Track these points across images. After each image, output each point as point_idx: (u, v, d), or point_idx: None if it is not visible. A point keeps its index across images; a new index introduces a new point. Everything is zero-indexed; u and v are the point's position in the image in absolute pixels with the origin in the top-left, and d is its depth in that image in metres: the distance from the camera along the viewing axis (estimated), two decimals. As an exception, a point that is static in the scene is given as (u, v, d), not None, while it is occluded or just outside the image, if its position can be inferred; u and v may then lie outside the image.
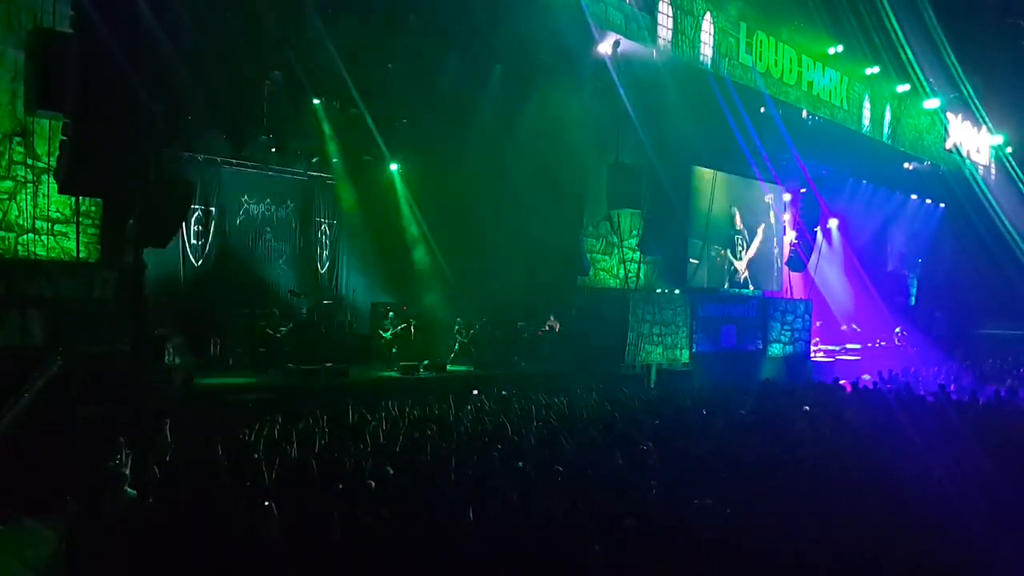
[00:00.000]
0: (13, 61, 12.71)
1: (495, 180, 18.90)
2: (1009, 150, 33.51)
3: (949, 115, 32.21)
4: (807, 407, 12.92)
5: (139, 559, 6.20)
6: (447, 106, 17.46)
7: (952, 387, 18.88)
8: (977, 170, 33.11)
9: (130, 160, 12.12)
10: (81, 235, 13.33)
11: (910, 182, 31.49)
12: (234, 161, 16.75)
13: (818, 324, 26.70)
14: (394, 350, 17.24)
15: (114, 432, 8.71)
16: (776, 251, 26.15)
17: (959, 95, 30.06)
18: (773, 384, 16.69)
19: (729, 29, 23.01)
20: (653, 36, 20.23)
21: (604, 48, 18.26)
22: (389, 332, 17.33)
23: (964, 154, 33.07)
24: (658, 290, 21.90)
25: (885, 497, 7.60)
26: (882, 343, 29.04)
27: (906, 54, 26.26)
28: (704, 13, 22.08)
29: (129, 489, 7.16)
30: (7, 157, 12.83)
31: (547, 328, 18.91)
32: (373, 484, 7.36)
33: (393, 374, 15.81)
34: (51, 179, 12.95)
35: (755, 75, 23.42)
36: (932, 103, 30.38)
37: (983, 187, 31.34)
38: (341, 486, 7.38)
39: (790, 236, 26.57)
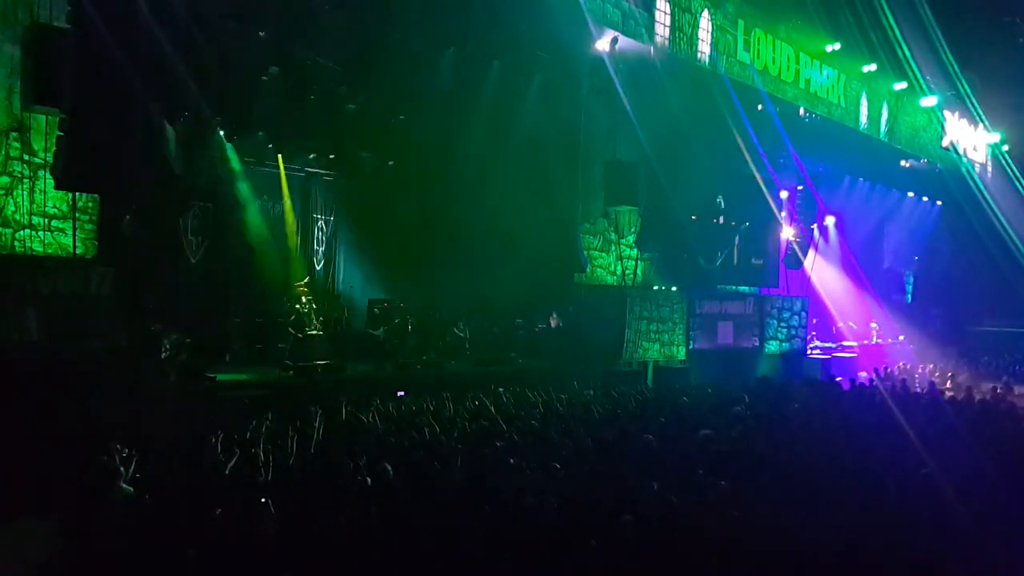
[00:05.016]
0: (10, 56, 12.67)
1: (493, 176, 18.89)
2: (1006, 148, 33.59)
3: (946, 113, 32.26)
4: (797, 404, 12.99)
5: (136, 556, 6.20)
6: (444, 102, 17.44)
7: (948, 384, 18.96)
8: (974, 168, 33.18)
9: (127, 156, 12.11)
10: (78, 231, 13.31)
11: (907, 180, 31.54)
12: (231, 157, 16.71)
13: (815, 321, 26.74)
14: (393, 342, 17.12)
15: (111, 429, 8.71)
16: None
17: (956, 93, 30.11)
18: (769, 381, 16.72)
19: (727, 26, 23.01)
20: (651, 33, 20.23)
21: (602, 45, 18.26)
22: (380, 330, 17.18)
23: (961, 152, 33.13)
24: (655, 287, 21.93)
25: (880, 494, 7.63)
26: (878, 340, 29.10)
27: (903, 52, 26.29)
28: (702, 10, 22.07)
29: (126, 486, 7.17)
30: (3, 153, 12.80)
31: (550, 324, 18.93)
32: (369, 481, 7.38)
33: (390, 371, 15.82)
34: (48, 175, 12.94)
35: (752, 72, 23.43)
36: (929, 101, 30.43)
37: (980, 185, 31.40)
38: (338, 483, 7.39)
39: (787, 233, 26.60)
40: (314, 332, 16.15)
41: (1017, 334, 30.72)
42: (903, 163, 31.28)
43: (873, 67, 27.63)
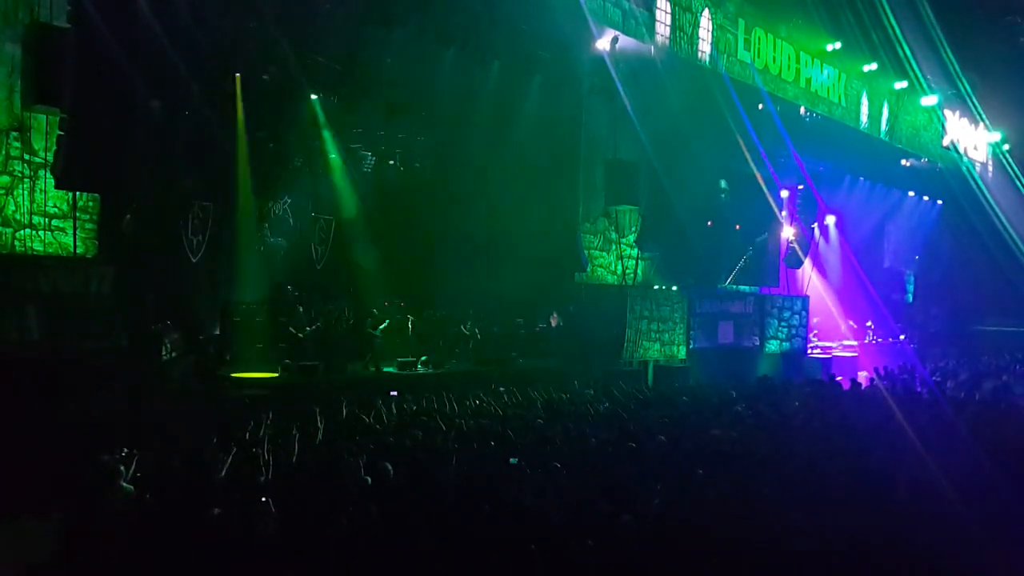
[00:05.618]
0: (10, 56, 12.66)
1: (494, 176, 18.88)
2: (1006, 147, 33.57)
3: (946, 112, 32.25)
4: (797, 404, 13.00)
5: (136, 556, 6.20)
6: (445, 102, 17.43)
7: (948, 383, 18.93)
8: (974, 167, 33.17)
9: (127, 156, 12.11)
10: (78, 230, 13.30)
11: (907, 179, 31.52)
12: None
13: (815, 320, 26.75)
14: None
15: (111, 428, 8.70)
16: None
17: (956, 92, 30.10)
18: (770, 381, 16.71)
19: (727, 26, 23.01)
20: (651, 32, 20.23)
21: (602, 44, 18.25)
22: (380, 330, 17.11)
23: (961, 151, 33.12)
24: (656, 287, 21.92)
25: (880, 493, 7.63)
26: (878, 339, 29.09)
27: (904, 51, 26.29)
28: (702, 10, 22.07)
29: (126, 485, 7.17)
30: (4, 152, 12.79)
31: (551, 323, 18.92)
32: (370, 481, 7.38)
33: (389, 370, 15.81)
34: (48, 174, 12.93)
35: (753, 72, 23.43)
36: (929, 100, 30.41)
37: (980, 184, 31.40)
38: (338, 483, 7.39)
39: (787, 232, 26.60)
40: (314, 332, 16.14)
41: (1018, 333, 30.70)
42: (904, 162, 31.26)
43: (874, 66, 27.62)
